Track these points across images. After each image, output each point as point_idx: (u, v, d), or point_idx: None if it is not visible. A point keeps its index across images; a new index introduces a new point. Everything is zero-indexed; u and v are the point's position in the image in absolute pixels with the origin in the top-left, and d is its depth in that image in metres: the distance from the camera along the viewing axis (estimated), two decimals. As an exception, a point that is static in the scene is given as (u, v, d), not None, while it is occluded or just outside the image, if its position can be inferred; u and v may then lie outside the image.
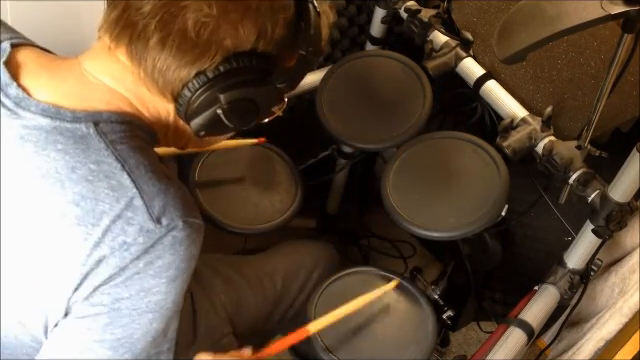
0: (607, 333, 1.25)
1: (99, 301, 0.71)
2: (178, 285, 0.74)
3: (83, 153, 0.71)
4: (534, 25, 0.88)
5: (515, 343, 1.14)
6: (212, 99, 0.74)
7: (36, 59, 0.77)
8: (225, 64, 0.72)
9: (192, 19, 0.69)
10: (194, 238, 0.74)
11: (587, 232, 1.14)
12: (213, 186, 1.24)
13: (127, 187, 0.70)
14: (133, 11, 0.71)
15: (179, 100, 0.74)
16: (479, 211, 1.09)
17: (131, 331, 0.73)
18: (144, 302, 0.72)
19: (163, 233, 0.71)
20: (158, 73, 0.72)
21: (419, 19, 1.34)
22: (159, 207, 0.71)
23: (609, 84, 1.00)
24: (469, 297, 1.58)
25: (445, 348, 1.68)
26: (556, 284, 1.22)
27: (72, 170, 0.70)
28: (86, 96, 0.74)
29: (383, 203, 1.16)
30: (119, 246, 0.70)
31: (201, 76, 0.72)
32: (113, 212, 0.70)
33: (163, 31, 0.70)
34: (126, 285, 0.71)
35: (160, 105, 0.78)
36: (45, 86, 0.74)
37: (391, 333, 1.14)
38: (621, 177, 1.04)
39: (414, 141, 1.23)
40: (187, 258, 0.73)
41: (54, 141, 0.71)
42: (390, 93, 1.31)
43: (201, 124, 0.76)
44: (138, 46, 0.71)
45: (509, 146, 1.15)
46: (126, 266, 0.70)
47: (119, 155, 0.71)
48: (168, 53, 0.71)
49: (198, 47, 0.70)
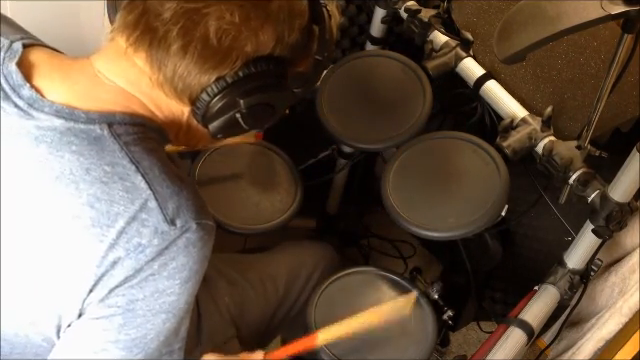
0: (607, 333, 1.25)
1: (114, 302, 0.72)
2: (191, 286, 0.74)
3: (97, 154, 0.71)
4: (534, 25, 0.88)
5: (515, 343, 1.14)
6: (231, 103, 0.74)
7: (48, 60, 0.77)
8: (244, 69, 0.73)
9: (214, 26, 0.70)
10: (207, 240, 0.74)
11: (587, 232, 1.14)
12: (213, 186, 1.25)
13: (141, 189, 0.71)
14: (152, 16, 0.71)
15: (197, 104, 0.75)
16: (479, 211, 1.09)
17: (145, 331, 0.74)
18: (158, 303, 0.73)
19: (177, 235, 0.71)
20: (178, 78, 0.73)
21: (419, 19, 1.34)
22: (173, 209, 0.71)
23: (609, 84, 1.00)
24: (469, 297, 1.58)
25: (445, 348, 1.68)
26: (556, 284, 1.22)
27: (86, 172, 0.70)
28: (99, 97, 0.74)
29: (383, 203, 1.16)
30: (134, 248, 0.70)
31: (221, 81, 0.73)
32: (128, 214, 0.70)
33: (185, 38, 0.70)
34: (141, 286, 0.71)
35: (175, 107, 0.78)
36: (58, 87, 0.74)
37: (391, 333, 1.14)
38: (621, 177, 1.04)
39: (414, 141, 1.23)
40: (200, 259, 0.74)
41: (68, 142, 0.71)
42: (390, 93, 1.31)
43: (219, 127, 0.76)
44: (159, 52, 0.72)
45: (509, 146, 1.15)
46: (141, 268, 0.70)
47: (133, 157, 0.72)
48: (190, 60, 0.71)
49: (219, 54, 0.71)
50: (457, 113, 1.43)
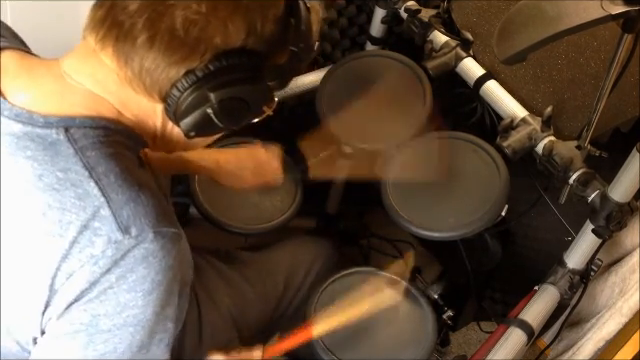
0: (607, 333, 1.25)
1: (76, 319, 0.69)
2: (157, 297, 0.71)
3: (51, 160, 0.69)
4: (534, 25, 0.88)
5: (515, 343, 1.14)
6: (202, 98, 0.71)
7: (19, 61, 0.75)
8: (215, 62, 0.70)
9: (180, 17, 0.68)
10: (169, 248, 0.70)
11: (587, 232, 1.14)
12: (214, 186, 1.24)
13: (94, 196, 0.68)
14: (119, 10, 0.69)
15: (168, 100, 0.72)
16: (479, 211, 1.09)
17: (113, 346, 0.71)
18: (122, 317, 0.70)
19: (132, 244, 0.68)
20: (146, 73, 0.70)
21: (419, 19, 1.34)
22: (128, 216, 0.68)
23: (609, 84, 1.00)
24: (469, 297, 1.58)
25: (445, 348, 1.68)
26: (556, 284, 1.22)
27: (39, 178, 0.68)
28: (63, 99, 0.72)
29: (383, 203, 1.16)
30: (87, 259, 0.67)
31: (190, 75, 0.70)
32: (79, 222, 0.67)
33: (151, 30, 0.68)
34: (101, 300, 0.69)
35: (146, 106, 0.75)
36: (23, 88, 0.73)
37: (391, 333, 1.14)
38: (621, 177, 1.04)
39: (414, 141, 1.23)
40: (163, 269, 0.70)
41: (24, 147, 0.69)
42: (390, 93, 1.31)
43: (191, 124, 0.73)
44: (125, 46, 0.69)
45: (509, 146, 1.15)
46: (97, 280, 0.68)
47: (87, 162, 0.69)
48: (156, 52, 0.69)
49: (187, 45, 0.69)
50: (457, 113, 1.43)
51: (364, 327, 1.13)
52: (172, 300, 0.74)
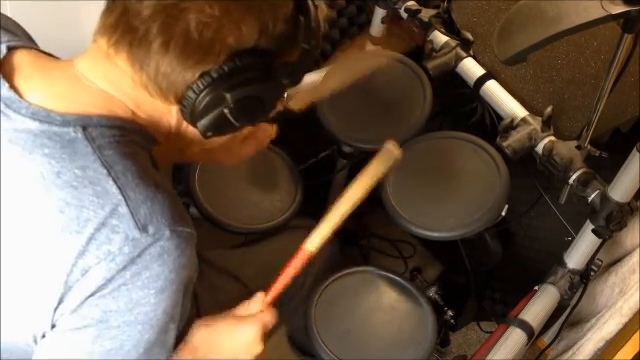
0: (607, 333, 1.25)
1: (87, 313, 0.70)
2: (168, 296, 0.72)
3: (69, 158, 0.70)
4: (534, 26, 0.88)
5: (515, 343, 1.14)
6: (218, 99, 0.73)
7: (32, 61, 0.76)
8: (229, 63, 0.71)
9: (194, 20, 0.69)
10: (183, 248, 0.72)
11: (587, 232, 1.14)
12: (214, 185, 1.24)
13: (112, 194, 0.69)
14: (132, 15, 0.70)
15: (183, 102, 0.73)
16: (479, 211, 1.09)
17: (120, 343, 0.72)
18: (133, 314, 0.71)
19: (150, 242, 0.69)
20: (162, 77, 0.71)
21: (419, 19, 1.34)
22: (145, 215, 0.69)
23: (609, 84, 1.00)
24: (469, 297, 1.58)
25: (445, 348, 1.68)
26: (556, 284, 1.22)
27: (57, 175, 0.69)
28: (78, 99, 0.73)
29: (383, 203, 1.16)
30: (104, 256, 0.68)
31: (206, 77, 0.71)
32: (97, 219, 0.68)
33: (165, 34, 0.69)
34: (114, 297, 0.69)
35: (161, 107, 0.76)
36: (37, 88, 0.73)
37: (391, 333, 1.14)
38: (621, 177, 1.04)
39: (414, 141, 1.23)
40: (176, 268, 0.71)
41: (41, 145, 0.70)
42: (390, 93, 1.31)
43: (208, 125, 0.75)
44: (140, 51, 0.70)
45: (509, 146, 1.15)
46: (112, 277, 0.68)
47: (105, 160, 0.70)
48: (172, 56, 0.70)
49: (202, 48, 0.70)
50: (457, 113, 1.43)
51: (364, 327, 1.13)
52: (180, 300, 0.75)
